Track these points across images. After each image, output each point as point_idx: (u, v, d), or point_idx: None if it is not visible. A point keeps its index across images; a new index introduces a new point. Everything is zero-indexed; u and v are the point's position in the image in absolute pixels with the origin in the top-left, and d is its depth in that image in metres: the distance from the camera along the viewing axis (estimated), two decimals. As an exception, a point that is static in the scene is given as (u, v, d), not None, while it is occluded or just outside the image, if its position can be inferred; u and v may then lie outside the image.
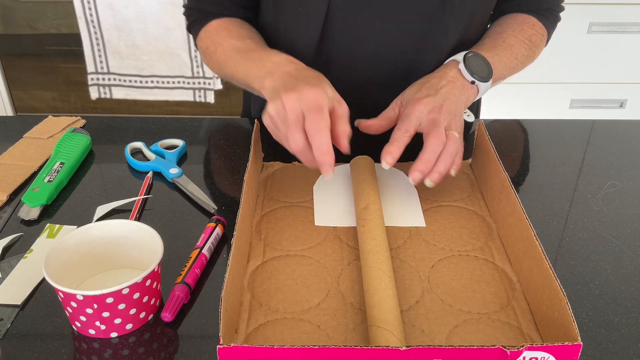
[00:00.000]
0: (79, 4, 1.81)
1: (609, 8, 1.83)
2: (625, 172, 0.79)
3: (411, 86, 0.75)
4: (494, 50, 0.80)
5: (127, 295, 0.52)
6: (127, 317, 0.53)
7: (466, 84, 0.74)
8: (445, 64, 0.77)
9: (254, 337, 0.53)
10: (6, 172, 0.77)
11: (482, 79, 0.75)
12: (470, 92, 0.75)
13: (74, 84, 2.09)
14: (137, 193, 0.73)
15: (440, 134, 0.67)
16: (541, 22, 0.88)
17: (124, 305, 0.52)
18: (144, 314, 0.55)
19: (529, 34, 0.85)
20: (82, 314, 0.52)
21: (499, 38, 0.83)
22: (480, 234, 0.66)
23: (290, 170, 0.77)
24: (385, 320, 0.51)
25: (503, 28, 0.85)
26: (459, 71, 0.75)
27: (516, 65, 0.83)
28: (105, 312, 0.52)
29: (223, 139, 0.87)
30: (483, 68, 0.76)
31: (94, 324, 0.53)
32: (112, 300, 0.52)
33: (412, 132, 0.68)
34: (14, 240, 0.65)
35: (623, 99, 2.02)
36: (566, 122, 0.94)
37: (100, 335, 0.53)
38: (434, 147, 0.67)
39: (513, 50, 0.82)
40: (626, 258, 0.64)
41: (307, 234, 0.66)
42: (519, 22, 0.86)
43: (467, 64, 0.74)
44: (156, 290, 0.56)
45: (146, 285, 0.54)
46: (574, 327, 0.46)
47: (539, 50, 0.89)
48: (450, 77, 0.74)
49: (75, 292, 0.50)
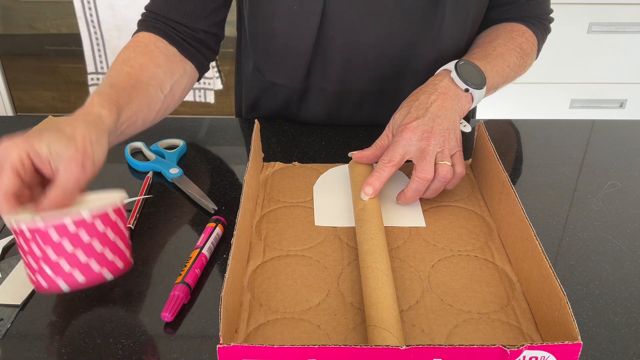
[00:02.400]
0: (79, 4, 1.81)
1: (609, 8, 1.83)
2: (625, 172, 0.80)
3: (401, 107, 0.72)
4: (486, 59, 0.78)
5: (74, 234, 0.49)
6: (76, 264, 0.50)
7: (459, 92, 0.72)
8: (437, 74, 0.75)
9: (254, 336, 0.53)
10: (6, 172, 0.77)
11: (475, 86, 0.73)
12: (465, 101, 0.72)
13: (74, 84, 2.09)
14: (137, 193, 0.73)
15: (426, 169, 0.66)
16: (531, 30, 0.87)
17: (70, 247, 0.50)
18: (97, 265, 0.51)
19: (519, 42, 0.84)
20: (32, 256, 0.50)
21: (489, 47, 0.81)
22: (480, 234, 0.66)
23: (290, 170, 0.77)
24: (382, 319, 0.51)
25: (492, 37, 0.84)
26: (451, 80, 0.73)
27: (509, 73, 0.82)
28: (51, 252, 0.50)
29: (223, 139, 0.87)
30: (476, 75, 0.74)
31: (43, 270, 0.50)
32: (57, 237, 0.49)
33: (397, 161, 0.67)
34: (14, 240, 0.65)
35: (623, 99, 2.02)
36: (566, 122, 0.94)
37: (52, 287, 0.51)
38: (418, 186, 0.66)
39: (505, 59, 0.81)
40: (626, 258, 0.64)
41: (307, 234, 0.66)
42: (508, 30, 0.85)
43: (459, 72, 0.72)
44: (112, 242, 0.53)
45: (97, 227, 0.51)
46: (574, 327, 0.46)
47: (530, 60, 0.87)
48: (442, 89, 0.71)
49: (19, 221, 0.48)
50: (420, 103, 0.70)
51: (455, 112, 0.71)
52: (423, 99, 0.71)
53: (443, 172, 0.66)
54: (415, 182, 0.66)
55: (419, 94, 0.72)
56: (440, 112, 0.69)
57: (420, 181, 0.66)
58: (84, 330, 0.54)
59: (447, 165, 0.67)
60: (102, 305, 0.57)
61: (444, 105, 0.70)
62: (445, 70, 0.74)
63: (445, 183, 0.67)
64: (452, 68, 0.73)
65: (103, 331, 0.54)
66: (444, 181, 0.67)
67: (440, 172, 0.66)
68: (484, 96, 0.76)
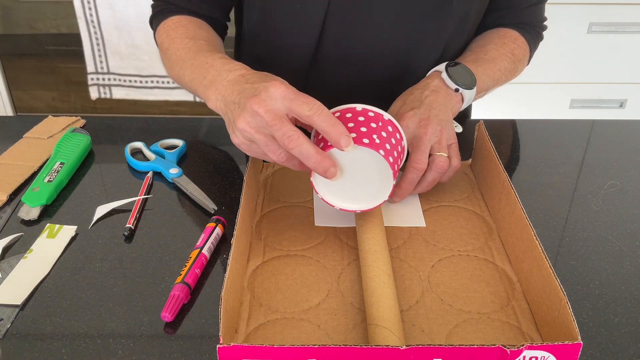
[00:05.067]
0: (79, 4, 1.81)
1: (609, 8, 1.83)
2: (625, 172, 0.80)
3: (395, 101, 0.74)
4: (477, 62, 0.79)
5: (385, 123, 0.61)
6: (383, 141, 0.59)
7: (450, 92, 0.73)
8: (428, 75, 0.76)
9: (254, 336, 0.53)
10: (6, 172, 0.77)
11: (465, 87, 0.74)
12: (455, 101, 0.74)
13: (74, 84, 2.09)
14: (137, 193, 0.73)
15: (420, 160, 0.66)
16: (523, 36, 0.87)
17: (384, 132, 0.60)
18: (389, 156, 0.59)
19: (511, 47, 0.85)
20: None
21: (481, 51, 0.83)
22: (480, 234, 0.66)
23: (290, 170, 0.77)
24: (383, 318, 0.51)
25: (485, 42, 0.85)
26: (441, 80, 0.74)
27: (500, 77, 0.83)
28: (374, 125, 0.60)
29: (223, 139, 0.87)
30: (466, 76, 0.75)
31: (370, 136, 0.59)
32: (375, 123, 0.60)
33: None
34: (14, 240, 0.65)
35: (623, 99, 2.02)
36: (566, 122, 0.94)
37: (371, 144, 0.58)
38: (412, 176, 0.67)
39: (496, 63, 0.82)
40: (626, 258, 0.64)
41: (307, 234, 0.66)
42: (500, 36, 0.86)
43: (449, 72, 0.74)
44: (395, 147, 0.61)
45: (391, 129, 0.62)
46: (574, 327, 0.46)
47: (522, 66, 0.88)
48: (434, 87, 0.73)
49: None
50: (414, 97, 0.72)
51: (448, 108, 0.72)
52: (417, 93, 0.72)
53: (440, 163, 0.67)
54: (410, 172, 0.67)
55: (413, 89, 0.74)
56: (435, 104, 0.71)
57: (415, 171, 0.66)
58: (84, 330, 0.54)
59: (443, 156, 0.67)
60: (102, 305, 0.57)
61: (438, 100, 0.71)
62: (437, 72, 0.76)
63: (441, 174, 0.68)
64: (443, 69, 0.75)
65: (103, 331, 0.54)
66: (440, 172, 0.67)
67: (437, 162, 0.67)
68: (474, 98, 0.77)
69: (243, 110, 0.57)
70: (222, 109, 0.62)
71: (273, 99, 0.56)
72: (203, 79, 0.66)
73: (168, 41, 0.77)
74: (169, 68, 0.78)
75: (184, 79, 0.72)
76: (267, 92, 0.56)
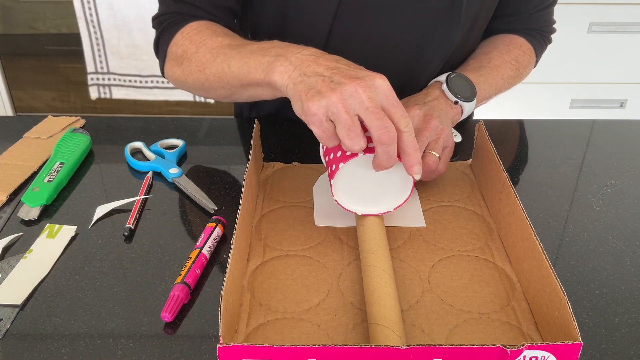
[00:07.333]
0: (79, 4, 1.81)
1: (609, 8, 1.83)
2: (625, 172, 0.80)
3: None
4: (479, 71, 0.80)
5: None
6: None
7: (450, 103, 0.75)
8: (429, 85, 0.77)
9: (254, 336, 0.53)
10: (6, 172, 0.77)
11: (465, 99, 0.75)
12: (455, 112, 0.75)
13: (73, 84, 2.09)
14: (137, 193, 0.73)
15: None
16: (529, 42, 0.87)
17: None
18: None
19: (515, 54, 0.85)
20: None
21: (485, 59, 0.83)
22: (480, 234, 0.66)
23: (290, 170, 0.77)
24: (384, 317, 0.51)
25: (489, 49, 0.85)
26: (442, 92, 0.75)
27: (502, 85, 0.83)
28: None
29: (223, 139, 0.87)
30: (466, 88, 0.76)
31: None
32: None
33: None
34: (13, 240, 0.65)
35: (623, 99, 2.02)
36: (566, 122, 0.94)
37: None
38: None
39: (499, 71, 0.82)
40: (626, 258, 0.64)
41: (307, 234, 0.66)
42: (506, 42, 0.86)
43: (449, 84, 0.75)
44: None
45: None
46: (574, 326, 0.46)
47: (527, 71, 0.88)
48: (435, 95, 0.74)
49: None
50: (417, 98, 0.73)
51: (449, 117, 0.73)
52: (420, 97, 0.74)
53: (429, 161, 0.67)
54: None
55: (415, 95, 0.75)
56: (436, 107, 0.72)
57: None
58: (84, 330, 0.54)
59: (435, 156, 0.68)
60: (102, 305, 0.57)
61: (439, 106, 0.72)
62: (437, 82, 0.76)
63: (427, 173, 0.68)
64: (444, 80, 0.75)
65: (103, 331, 0.54)
66: (427, 170, 0.68)
67: (427, 160, 0.67)
68: (474, 108, 0.78)
69: (340, 85, 0.55)
70: (295, 79, 0.59)
71: (377, 90, 0.55)
72: (262, 57, 0.62)
73: (194, 46, 0.73)
74: (197, 71, 0.72)
75: (229, 70, 0.67)
76: (373, 81, 0.55)
